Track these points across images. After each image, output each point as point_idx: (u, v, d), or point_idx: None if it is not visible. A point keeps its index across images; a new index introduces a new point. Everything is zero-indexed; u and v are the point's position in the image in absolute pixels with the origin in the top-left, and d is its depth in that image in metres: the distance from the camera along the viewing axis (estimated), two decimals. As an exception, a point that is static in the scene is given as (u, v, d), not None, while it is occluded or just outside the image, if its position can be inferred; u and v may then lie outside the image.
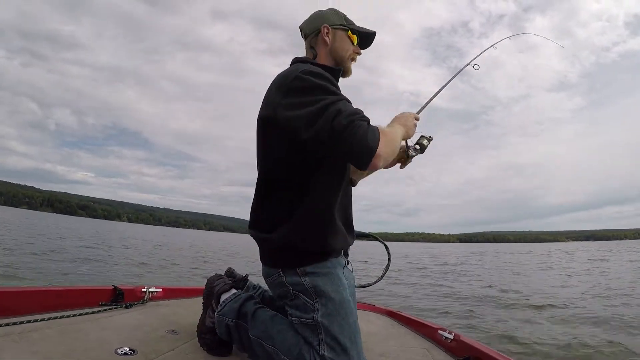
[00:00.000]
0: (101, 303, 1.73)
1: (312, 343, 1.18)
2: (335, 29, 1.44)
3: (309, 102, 1.15)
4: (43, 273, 6.79)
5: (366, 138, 1.09)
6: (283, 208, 1.26)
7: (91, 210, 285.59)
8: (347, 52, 1.45)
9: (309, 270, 1.24)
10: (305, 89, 1.18)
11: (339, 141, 1.10)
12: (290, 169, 1.25)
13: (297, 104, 1.16)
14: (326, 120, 1.11)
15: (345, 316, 1.22)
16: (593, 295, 7.46)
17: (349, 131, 1.09)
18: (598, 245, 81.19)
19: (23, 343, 1.20)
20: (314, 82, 1.18)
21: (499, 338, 4.33)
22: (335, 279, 1.26)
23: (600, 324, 4.96)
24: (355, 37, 1.47)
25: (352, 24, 1.48)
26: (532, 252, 37.77)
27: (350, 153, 1.12)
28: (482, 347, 1.58)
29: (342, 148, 1.11)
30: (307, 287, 1.23)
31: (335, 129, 1.10)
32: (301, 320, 1.22)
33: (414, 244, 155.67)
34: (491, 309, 6.10)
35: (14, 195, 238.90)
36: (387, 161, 1.18)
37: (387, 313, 2.37)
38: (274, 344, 1.24)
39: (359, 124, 1.10)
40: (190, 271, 9.58)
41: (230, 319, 1.37)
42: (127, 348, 1.27)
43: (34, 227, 25.96)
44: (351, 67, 1.49)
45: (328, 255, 1.28)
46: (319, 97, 1.15)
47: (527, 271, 14.07)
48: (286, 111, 1.18)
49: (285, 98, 1.19)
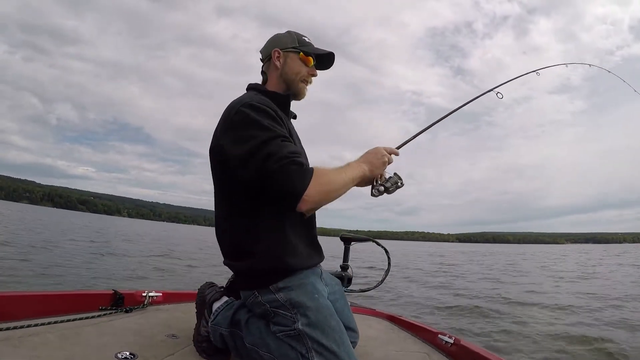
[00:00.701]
0: (101, 307, 1.73)
1: (302, 352, 1.20)
2: (286, 52, 1.45)
3: (244, 138, 1.21)
4: (42, 274, 6.80)
5: (292, 182, 1.14)
6: (240, 236, 1.31)
7: (91, 205, 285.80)
8: (298, 74, 1.46)
9: (281, 285, 1.27)
10: (242, 125, 1.23)
11: (268, 185, 1.17)
12: (240, 197, 1.29)
13: (234, 141, 1.23)
14: (257, 162, 1.17)
15: (326, 320, 1.24)
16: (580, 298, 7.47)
17: (277, 176, 1.14)
18: (594, 247, 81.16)
19: (23, 347, 1.20)
20: (251, 117, 1.23)
21: (498, 342, 4.33)
22: (309, 288, 1.29)
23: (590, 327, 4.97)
24: (311, 59, 1.48)
25: (308, 45, 1.49)
26: (526, 252, 37.81)
27: (278, 196, 1.18)
28: (482, 351, 1.58)
29: (270, 190, 1.18)
30: (282, 302, 1.26)
31: (264, 173, 1.16)
32: (284, 332, 1.24)
33: (411, 243, 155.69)
34: (491, 311, 6.10)
35: (14, 190, 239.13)
36: (318, 205, 1.21)
37: (387, 317, 2.36)
38: (269, 351, 1.26)
39: (287, 168, 1.15)
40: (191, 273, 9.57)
41: (223, 328, 1.37)
42: (127, 352, 1.27)
43: (37, 222, 25.94)
44: (304, 89, 1.50)
45: (295, 270, 1.30)
46: (254, 133, 1.20)
47: (516, 272, 14.08)
48: (226, 147, 1.25)
49: (226, 133, 1.27)
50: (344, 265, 2.09)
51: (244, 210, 1.30)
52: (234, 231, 1.33)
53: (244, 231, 1.31)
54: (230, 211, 1.34)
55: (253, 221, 1.29)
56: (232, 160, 1.23)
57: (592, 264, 19.68)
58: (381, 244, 2.15)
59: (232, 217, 1.34)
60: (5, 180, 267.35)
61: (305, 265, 1.34)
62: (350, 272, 2.08)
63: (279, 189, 1.16)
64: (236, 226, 1.32)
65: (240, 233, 1.31)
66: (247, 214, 1.30)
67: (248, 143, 1.19)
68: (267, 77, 1.49)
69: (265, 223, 1.29)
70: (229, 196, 1.34)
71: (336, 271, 2.02)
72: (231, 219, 1.34)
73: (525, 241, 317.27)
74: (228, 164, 1.26)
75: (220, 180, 1.35)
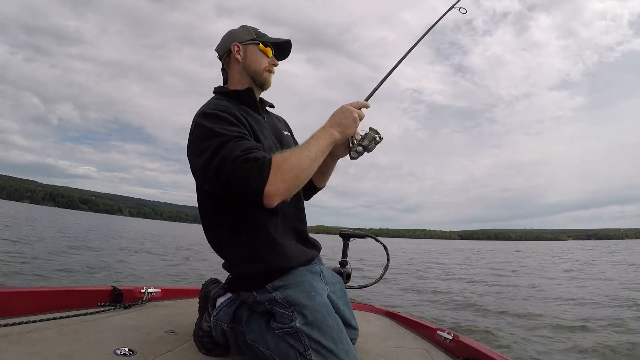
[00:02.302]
0: (100, 304, 1.73)
1: (299, 350, 1.20)
2: (245, 44, 1.45)
3: (202, 149, 1.21)
4: (42, 273, 6.82)
5: (249, 182, 1.12)
6: (224, 247, 1.35)
7: (93, 205, 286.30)
8: (261, 65, 1.46)
9: (278, 284, 1.28)
10: (198, 139, 1.24)
11: (230, 191, 1.17)
12: (214, 209, 1.33)
13: (196, 152, 1.24)
14: (212, 172, 1.17)
15: (324, 319, 1.23)
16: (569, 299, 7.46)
17: (234, 180, 1.13)
18: (596, 244, 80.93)
19: (22, 344, 1.20)
20: (205, 127, 1.24)
21: (497, 338, 4.33)
22: (306, 286, 1.29)
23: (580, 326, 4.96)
24: (270, 50, 1.48)
25: (264, 36, 1.49)
26: (527, 249, 37.74)
27: (243, 199, 1.18)
28: (481, 347, 1.58)
29: (235, 196, 1.18)
30: (279, 300, 1.26)
31: (221, 181, 1.16)
32: (282, 330, 1.24)
33: (413, 241, 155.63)
34: (488, 310, 6.10)
35: (16, 190, 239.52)
36: (288, 192, 1.17)
37: (386, 313, 2.37)
38: (269, 348, 1.26)
39: (240, 168, 1.12)
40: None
41: (225, 323, 1.38)
42: (126, 348, 1.27)
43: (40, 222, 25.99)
44: (269, 78, 1.50)
45: (290, 268, 1.32)
46: (208, 144, 1.20)
47: (516, 269, 14.07)
48: (190, 162, 1.28)
49: (189, 148, 1.29)
50: (342, 262, 2.09)
51: (220, 222, 1.34)
52: (218, 242, 1.37)
53: (226, 241, 1.34)
54: (210, 224, 1.38)
55: (233, 230, 1.31)
56: (195, 174, 1.28)
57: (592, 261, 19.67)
58: (380, 241, 2.16)
59: (212, 229, 1.38)
60: (7, 180, 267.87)
61: (297, 263, 1.34)
62: (349, 268, 2.08)
63: (240, 192, 1.15)
64: (218, 238, 1.37)
65: (223, 244, 1.36)
66: (224, 224, 1.32)
67: (203, 155, 1.19)
68: (228, 73, 1.49)
69: (245, 230, 1.30)
70: (204, 210, 1.38)
71: (335, 267, 2.02)
72: (212, 231, 1.38)
73: (526, 238, 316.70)
74: (196, 179, 1.30)
75: (197, 194, 1.38)
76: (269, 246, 1.31)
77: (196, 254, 14.74)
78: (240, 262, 1.33)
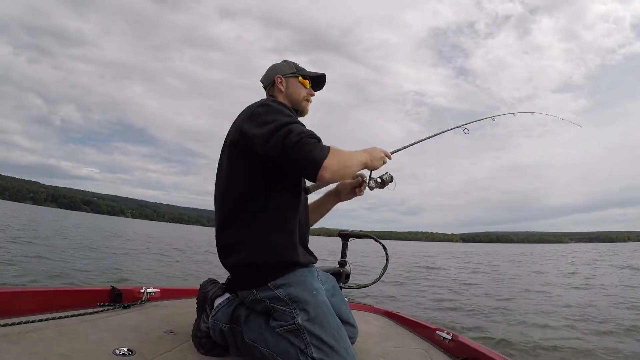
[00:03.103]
0: (99, 304, 1.74)
1: (300, 347, 1.24)
2: (287, 77, 1.65)
3: (267, 122, 1.32)
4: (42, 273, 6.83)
5: (313, 152, 1.25)
6: (244, 229, 1.37)
7: (95, 206, 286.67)
8: (301, 95, 1.66)
9: (280, 282, 1.33)
10: (266, 112, 1.37)
11: (289, 156, 1.26)
12: (250, 187, 1.38)
13: (258, 123, 1.34)
14: (278, 137, 1.27)
15: (325, 316, 1.29)
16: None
17: (297, 147, 1.25)
18: (598, 246, 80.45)
19: (21, 344, 1.20)
20: (274, 106, 1.40)
21: (497, 338, 4.33)
22: (307, 285, 1.35)
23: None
24: (307, 82, 1.68)
25: (303, 70, 1.69)
26: (533, 252, 37.56)
27: (298, 166, 1.28)
28: (480, 347, 1.58)
29: (292, 162, 1.27)
30: (282, 298, 1.31)
31: (285, 145, 1.26)
32: (283, 327, 1.28)
33: (415, 243, 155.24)
34: (488, 310, 6.09)
35: (18, 190, 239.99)
36: (337, 174, 1.31)
37: (385, 313, 2.37)
38: (268, 347, 1.29)
39: (307, 140, 1.26)
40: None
41: (223, 323, 1.40)
42: (126, 348, 1.28)
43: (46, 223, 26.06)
44: (307, 107, 1.69)
45: (294, 266, 1.38)
46: (276, 117, 1.33)
47: (517, 270, 14.01)
48: (248, 130, 1.34)
49: (249, 120, 1.37)
50: (342, 262, 2.09)
51: (253, 202, 1.37)
52: (240, 224, 1.38)
53: (250, 223, 1.37)
54: (239, 203, 1.39)
55: (261, 214, 1.36)
56: (254, 139, 1.32)
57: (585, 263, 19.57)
58: (379, 241, 2.16)
59: (239, 209, 1.39)
60: (10, 181, 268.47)
61: (304, 263, 1.42)
62: (348, 268, 2.09)
63: (301, 158, 1.25)
64: (242, 219, 1.38)
65: (246, 225, 1.37)
66: (256, 206, 1.37)
67: (271, 124, 1.31)
68: (276, 98, 1.63)
69: (272, 217, 1.37)
70: (241, 185, 1.39)
71: (334, 267, 2.02)
72: (238, 211, 1.39)
73: (528, 241, 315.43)
74: (248, 146, 1.34)
75: (234, 169, 1.41)
76: (286, 241, 1.39)
77: (196, 255, 14.77)
78: (257, 248, 1.35)
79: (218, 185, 1.48)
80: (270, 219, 1.36)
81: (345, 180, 1.77)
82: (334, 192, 1.82)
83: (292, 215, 1.43)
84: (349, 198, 1.81)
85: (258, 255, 1.34)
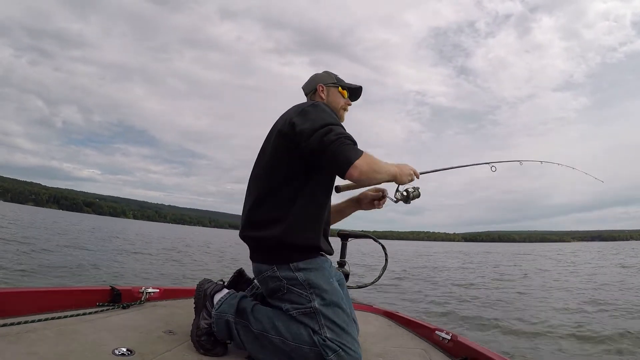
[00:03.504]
0: (99, 304, 1.74)
1: (314, 328, 1.37)
2: (328, 86, 1.79)
3: (315, 119, 1.46)
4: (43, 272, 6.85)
5: (347, 151, 1.38)
6: (279, 208, 1.47)
7: (97, 207, 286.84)
8: (339, 104, 1.80)
9: (302, 266, 1.45)
10: (315, 111, 1.51)
11: (326, 151, 1.39)
12: (290, 173, 1.49)
13: (306, 120, 1.47)
14: (321, 133, 1.41)
15: (338, 303, 1.43)
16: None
17: (334, 144, 1.38)
18: (601, 245, 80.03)
19: (20, 344, 1.20)
20: (323, 107, 1.55)
21: (496, 338, 4.32)
22: (325, 273, 1.48)
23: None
24: (346, 92, 1.82)
25: (342, 81, 1.84)
26: (533, 251, 37.46)
27: (332, 161, 1.40)
28: (479, 347, 1.58)
29: (327, 157, 1.40)
30: (300, 281, 1.43)
31: (324, 141, 1.39)
32: (299, 310, 1.40)
33: (417, 243, 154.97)
34: (488, 310, 6.08)
35: (20, 192, 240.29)
36: (365, 175, 1.41)
37: (384, 313, 2.37)
38: (279, 334, 1.38)
39: (343, 140, 1.40)
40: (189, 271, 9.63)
41: (230, 314, 1.44)
42: (125, 348, 1.28)
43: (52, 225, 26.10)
44: (343, 115, 1.83)
45: (317, 251, 1.51)
46: (323, 117, 1.47)
47: (518, 271, 13.97)
48: (297, 124, 1.46)
49: (299, 115, 1.50)
50: (341, 262, 2.10)
51: (291, 186, 1.48)
52: (278, 203, 1.48)
53: (287, 204, 1.47)
54: (279, 184, 1.50)
55: (297, 198, 1.48)
56: (301, 133, 1.44)
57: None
58: (378, 241, 2.16)
59: (278, 189, 1.49)
60: (11, 183, 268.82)
61: (326, 250, 1.56)
62: (348, 268, 2.09)
63: (335, 154, 1.38)
64: (280, 198, 1.48)
65: (283, 205, 1.47)
66: (293, 190, 1.48)
67: (317, 122, 1.44)
68: None
69: (307, 203, 1.48)
70: (283, 169, 1.50)
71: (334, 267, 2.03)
72: (277, 191, 1.49)
73: (530, 240, 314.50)
74: (294, 138, 1.46)
75: (278, 155, 1.52)
76: (316, 227, 1.52)
77: (195, 255, 14.79)
78: (288, 229, 1.44)
79: (259, 165, 1.59)
80: (305, 204, 1.48)
81: (367, 191, 1.90)
82: (355, 199, 1.95)
83: (323, 206, 1.56)
84: (368, 208, 1.94)
85: (290, 235, 1.44)
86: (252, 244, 1.54)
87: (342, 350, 1.35)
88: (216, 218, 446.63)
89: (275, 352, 1.39)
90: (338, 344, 1.35)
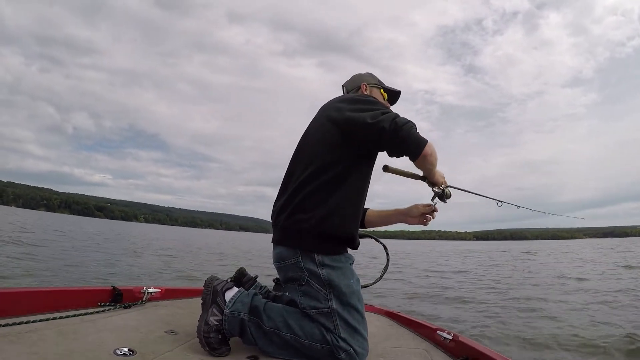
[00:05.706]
0: (100, 304, 1.74)
1: (329, 327, 1.41)
2: (371, 86, 1.85)
3: (372, 109, 1.49)
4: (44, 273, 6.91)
5: (418, 135, 1.44)
6: (321, 193, 1.48)
7: (108, 212, 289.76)
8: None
9: (327, 262, 1.46)
10: (369, 101, 1.56)
11: (397, 133, 1.41)
12: (335, 160, 1.50)
13: (362, 109, 1.50)
14: (388, 117, 1.43)
15: (355, 305, 1.46)
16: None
17: (407, 127, 1.42)
18: (613, 242, 78.52)
19: (21, 344, 1.21)
20: (375, 100, 1.60)
21: (497, 338, 4.28)
22: (347, 273, 1.50)
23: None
24: (386, 95, 1.87)
25: (382, 84, 1.89)
26: (541, 250, 37.00)
27: (404, 142, 1.43)
28: (480, 347, 1.57)
29: (399, 138, 1.42)
30: (322, 278, 1.45)
31: (398, 123, 1.42)
32: (317, 310, 1.43)
33: (425, 242, 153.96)
34: (488, 310, 6.01)
35: (32, 198, 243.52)
36: (429, 159, 1.48)
37: (385, 314, 2.35)
38: (292, 332, 1.41)
39: (413, 124, 1.44)
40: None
41: (244, 313, 1.44)
42: (126, 348, 1.28)
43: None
44: None
45: (349, 243, 1.54)
46: (379, 106, 1.52)
47: (521, 270, 13.80)
48: (352, 113, 1.50)
49: (352, 103, 1.55)
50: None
51: (334, 170, 1.49)
52: (316, 186, 1.49)
53: (326, 188, 1.48)
54: (320, 169, 1.50)
55: (339, 180, 1.49)
56: (358, 120, 1.46)
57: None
58: (380, 241, 2.14)
59: (319, 174, 1.49)
60: (23, 189, 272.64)
61: (357, 244, 1.58)
62: None
63: (407, 136, 1.42)
64: (320, 182, 1.49)
65: (322, 189, 1.48)
66: (336, 173, 1.49)
67: (371, 111, 1.47)
68: None
69: (348, 191, 1.51)
70: (327, 155, 1.51)
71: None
72: (317, 176, 1.49)
73: (542, 237, 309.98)
74: (347, 125, 1.50)
75: (325, 142, 1.54)
76: (354, 216, 1.55)
77: (197, 256, 14.88)
78: (327, 216, 1.46)
79: (301, 152, 1.62)
80: (347, 192, 1.50)
81: (419, 205, 1.86)
82: (404, 211, 1.91)
83: (362, 194, 1.59)
84: (413, 223, 1.89)
85: (328, 220, 1.46)
86: (285, 224, 1.52)
87: (353, 350, 1.39)
88: (227, 220, 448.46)
89: (286, 347, 1.42)
90: (350, 344, 1.39)
